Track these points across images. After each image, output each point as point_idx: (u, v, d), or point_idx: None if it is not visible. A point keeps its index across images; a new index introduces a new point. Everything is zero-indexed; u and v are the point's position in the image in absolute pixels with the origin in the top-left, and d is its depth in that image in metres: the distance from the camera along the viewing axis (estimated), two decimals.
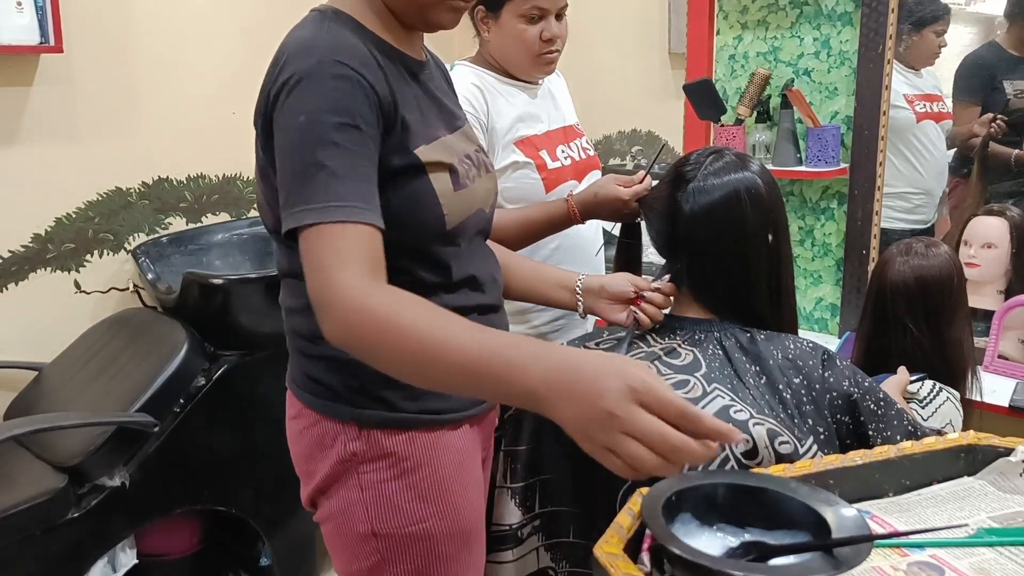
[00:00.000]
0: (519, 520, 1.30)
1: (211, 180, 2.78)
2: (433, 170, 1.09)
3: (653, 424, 0.75)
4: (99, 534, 1.98)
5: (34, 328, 2.40)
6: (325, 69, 0.99)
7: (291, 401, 1.21)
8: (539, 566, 1.33)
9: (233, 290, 2.20)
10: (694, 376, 1.16)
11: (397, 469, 1.13)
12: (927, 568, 0.80)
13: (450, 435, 1.17)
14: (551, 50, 1.65)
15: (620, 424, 0.76)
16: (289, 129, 0.99)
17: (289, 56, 1.02)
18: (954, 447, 0.99)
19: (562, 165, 1.70)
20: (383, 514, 1.13)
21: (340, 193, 0.96)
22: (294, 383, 1.20)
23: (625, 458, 0.76)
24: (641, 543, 0.83)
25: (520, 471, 1.29)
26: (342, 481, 1.14)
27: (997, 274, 2.05)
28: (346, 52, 1.02)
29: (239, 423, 2.21)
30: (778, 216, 1.26)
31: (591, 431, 0.78)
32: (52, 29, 2.26)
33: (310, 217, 0.95)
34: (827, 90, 2.15)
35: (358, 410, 1.12)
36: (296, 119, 0.98)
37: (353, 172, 0.98)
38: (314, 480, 1.17)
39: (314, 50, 1.01)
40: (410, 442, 1.13)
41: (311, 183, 0.96)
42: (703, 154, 1.28)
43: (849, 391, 1.15)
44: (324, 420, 1.14)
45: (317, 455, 1.15)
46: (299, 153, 0.97)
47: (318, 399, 1.15)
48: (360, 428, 1.12)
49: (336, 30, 1.06)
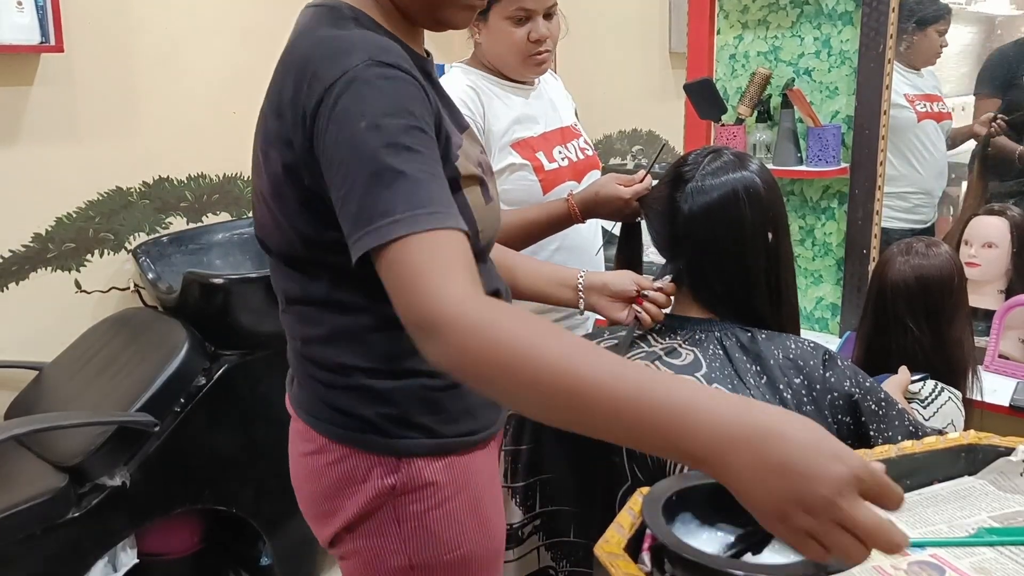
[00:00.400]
0: (520, 520, 1.30)
1: (212, 180, 2.77)
2: (467, 184, 1.02)
3: (875, 519, 0.65)
4: (100, 533, 1.98)
5: (34, 328, 2.40)
6: (372, 70, 0.90)
7: (307, 435, 1.10)
8: (539, 565, 1.33)
9: (234, 290, 2.20)
10: (695, 376, 1.16)
11: (437, 498, 1.06)
12: (928, 567, 0.80)
13: (481, 455, 1.12)
14: (540, 51, 1.64)
15: (838, 515, 0.64)
16: (346, 140, 0.88)
17: (321, 61, 0.92)
18: (954, 447, 0.99)
19: (559, 166, 1.70)
20: (422, 545, 1.06)
21: (424, 199, 0.85)
22: (313, 416, 1.09)
23: (832, 547, 0.65)
24: (642, 542, 0.83)
25: (521, 471, 1.29)
26: (376, 516, 1.06)
27: (998, 274, 2.05)
28: (387, 52, 0.93)
29: (240, 423, 2.21)
30: (777, 215, 1.26)
31: (793, 516, 0.65)
32: (52, 28, 2.25)
33: (399, 229, 0.83)
34: (828, 90, 2.15)
35: (396, 440, 1.04)
36: (355, 125, 0.87)
37: (431, 176, 0.88)
38: (339, 518, 1.08)
39: (352, 51, 0.91)
40: (449, 468, 1.07)
41: (389, 192, 0.85)
42: (701, 154, 1.28)
43: (850, 391, 1.15)
44: (355, 454, 1.05)
45: (345, 492, 1.06)
46: (367, 163, 0.86)
47: (348, 431, 1.05)
48: (399, 459, 1.05)
49: (367, 32, 0.97)
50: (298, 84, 0.93)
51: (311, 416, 1.09)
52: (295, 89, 0.94)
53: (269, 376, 2.27)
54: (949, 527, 0.88)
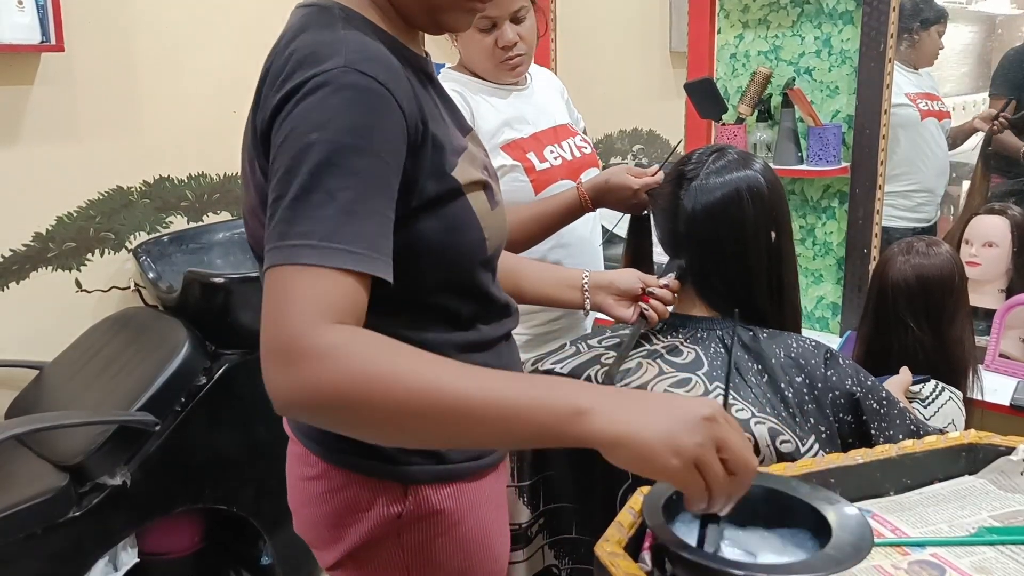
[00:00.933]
0: (528, 519, 1.30)
1: (212, 179, 2.77)
2: (470, 190, 0.98)
3: (741, 438, 0.73)
4: (100, 533, 1.98)
5: (35, 327, 2.40)
6: (347, 79, 0.84)
7: (307, 459, 1.05)
8: (544, 564, 1.33)
9: (234, 289, 2.20)
10: (696, 374, 1.16)
11: (443, 525, 1.03)
12: (928, 567, 0.80)
13: (490, 480, 1.09)
14: (511, 56, 1.64)
15: (718, 431, 0.73)
16: (295, 145, 0.82)
17: (302, 58, 0.86)
18: (955, 446, 0.99)
19: (551, 166, 1.69)
20: (425, 572, 1.04)
21: (350, 235, 0.80)
22: (312, 440, 1.05)
23: (709, 475, 0.72)
24: (642, 542, 0.83)
25: (527, 469, 1.30)
26: (379, 543, 1.03)
27: (998, 273, 2.05)
28: (372, 62, 0.86)
29: (240, 422, 2.21)
30: (780, 215, 1.26)
31: (682, 441, 0.71)
32: (53, 28, 2.25)
33: (308, 256, 0.78)
34: (828, 89, 2.15)
35: (403, 467, 1.00)
36: (307, 135, 0.82)
37: (368, 211, 0.82)
38: (342, 545, 1.04)
39: (333, 55, 0.85)
40: (456, 495, 1.03)
41: (316, 215, 0.80)
42: (706, 152, 1.28)
43: (852, 390, 1.15)
44: (359, 480, 1.01)
45: (348, 519, 1.02)
46: (305, 176, 0.81)
47: (350, 457, 1.01)
48: (405, 486, 1.01)
49: (354, 33, 0.90)
50: (272, 79, 0.89)
51: (311, 440, 1.05)
52: (268, 92, 0.89)
53: None
54: (949, 526, 0.88)
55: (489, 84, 1.70)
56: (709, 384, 1.13)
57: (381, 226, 0.84)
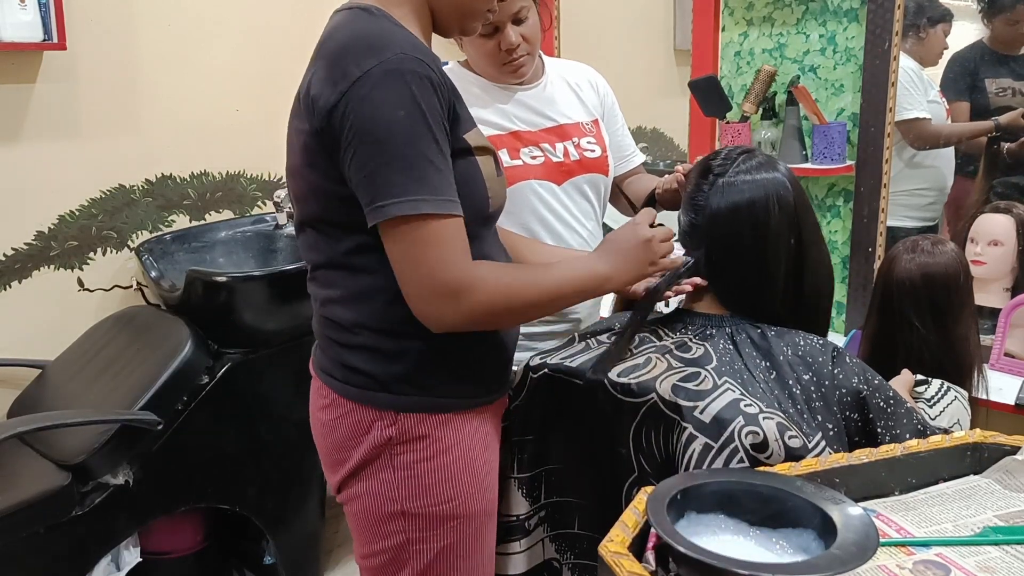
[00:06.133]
0: (527, 511, 1.31)
1: (215, 177, 2.77)
2: (480, 153, 1.16)
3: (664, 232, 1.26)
4: (103, 532, 1.98)
5: (37, 326, 2.40)
6: (409, 66, 1.04)
7: (321, 391, 1.23)
8: (544, 557, 1.33)
9: (237, 288, 2.20)
10: (705, 368, 1.16)
11: (431, 450, 1.17)
12: (933, 566, 0.80)
13: (478, 418, 1.22)
14: (512, 58, 1.62)
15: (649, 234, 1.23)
16: (384, 121, 1.03)
17: (358, 50, 1.05)
18: (960, 445, 0.99)
19: (524, 164, 1.62)
20: (413, 493, 1.17)
21: (447, 190, 1.06)
22: (325, 372, 1.22)
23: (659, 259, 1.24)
24: (646, 541, 0.82)
25: (527, 461, 1.30)
26: (374, 463, 1.18)
27: (1004, 272, 2.04)
28: (420, 50, 1.07)
29: (243, 421, 2.21)
30: (803, 221, 1.26)
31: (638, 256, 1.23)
32: (55, 26, 2.25)
33: (425, 207, 1.03)
34: (833, 87, 2.14)
35: (397, 396, 1.16)
36: (394, 112, 1.03)
37: (447, 168, 1.07)
38: (345, 467, 1.20)
39: (388, 46, 1.05)
40: (444, 424, 1.18)
41: (422, 176, 1.03)
42: (735, 151, 1.30)
43: (858, 388, 1.15)
44: (360, 408, 1.17)
45: (351, 442, 1.18)
46: (402, 146, 1.03)
47: (355, 388, 1.17)
48: (397, 414, 1.16)
49: (399, 28, 1.10)
50: (331, 68, 1.06)
51: (325, 374, 1.22)
52: (328, 71, 1.07)
53: (272, 374, 2.27)
54: (955, 526, 0.88)
55: (488, 83, 1.67)
56: (718, 379, 1.14)
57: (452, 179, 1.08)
